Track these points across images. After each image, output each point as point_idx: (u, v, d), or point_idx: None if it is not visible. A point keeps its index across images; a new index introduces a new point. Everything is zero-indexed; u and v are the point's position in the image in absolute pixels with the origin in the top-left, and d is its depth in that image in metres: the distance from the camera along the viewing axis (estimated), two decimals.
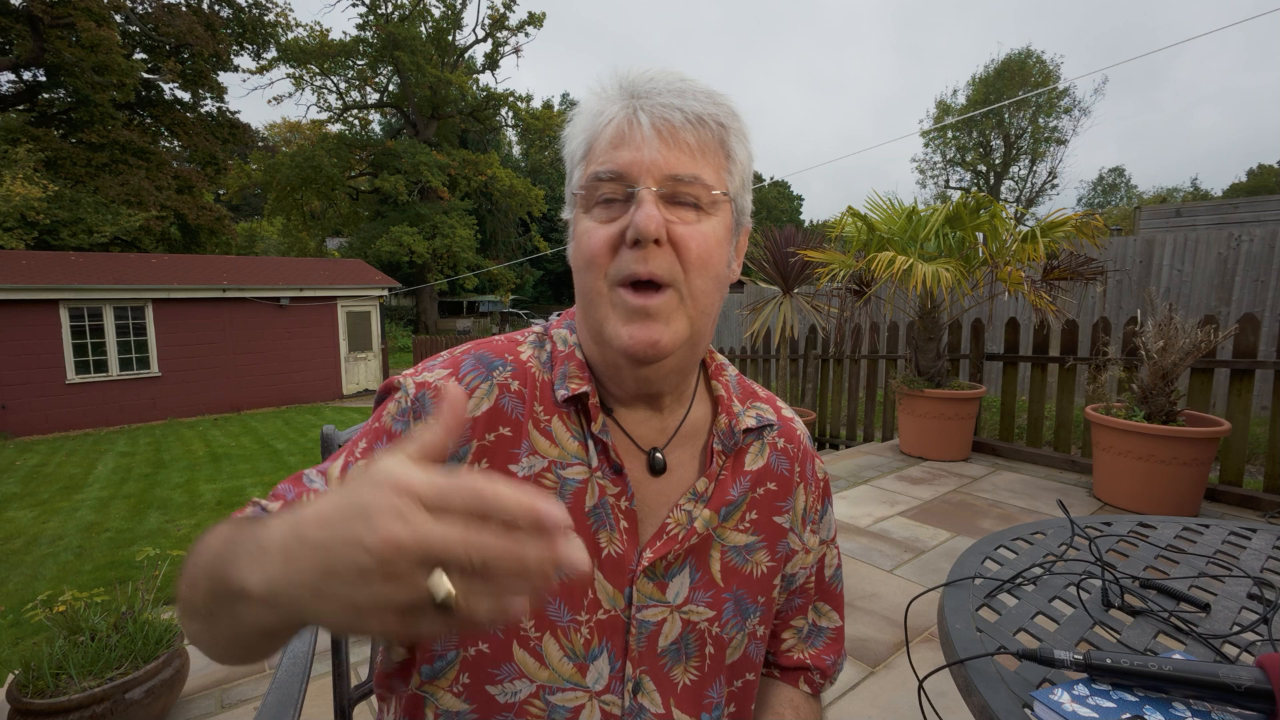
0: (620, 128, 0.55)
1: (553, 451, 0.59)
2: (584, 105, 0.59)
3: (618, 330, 0.56)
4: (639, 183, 0.54)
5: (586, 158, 0.57)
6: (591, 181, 0.56)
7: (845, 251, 4.50)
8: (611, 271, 0.55)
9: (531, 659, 0.57)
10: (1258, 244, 5.76)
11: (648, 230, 0.52)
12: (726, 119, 0.57)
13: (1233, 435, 3.17)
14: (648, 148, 0.54)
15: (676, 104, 0.55)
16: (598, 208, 0.56)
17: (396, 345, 22.16)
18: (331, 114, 26.02)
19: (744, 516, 0.66)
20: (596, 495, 0.59)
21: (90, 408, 10.39)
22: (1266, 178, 36.10)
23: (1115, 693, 0.62)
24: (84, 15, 15.17)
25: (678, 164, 0.54)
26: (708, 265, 0.56)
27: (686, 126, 0.55)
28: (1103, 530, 1.12)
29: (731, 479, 0.65)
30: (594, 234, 0.56)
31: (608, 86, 0.58)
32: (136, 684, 1.67)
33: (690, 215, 0.56)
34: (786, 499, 0.69)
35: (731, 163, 0.58)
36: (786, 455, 0.70)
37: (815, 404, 5.91)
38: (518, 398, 0.60)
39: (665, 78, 0.56)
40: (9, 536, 4.95)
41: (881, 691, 1.78)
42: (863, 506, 3.30)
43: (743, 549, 0.65)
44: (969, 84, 31.21)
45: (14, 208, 13.79)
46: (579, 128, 0.59)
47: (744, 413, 0.68)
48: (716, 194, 0.56)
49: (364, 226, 26.65)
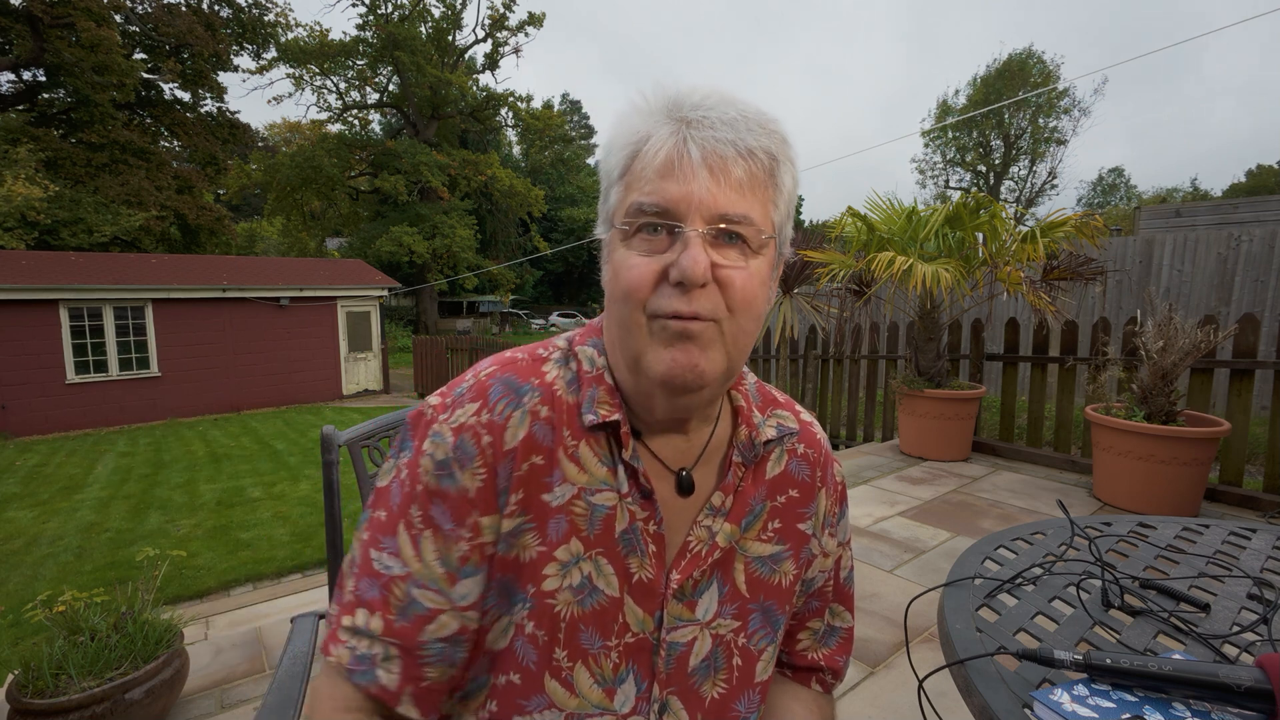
0: (670, 157, 0.52)
1: (581, 478, 0.58)
2: (625, 120, 0.56)
3: (659, 355, 0.54)
4: (687, 221, 0.52)
5: (626, 179, 0.55)
6: (635, 212, 0.53)
7: (845, 251, 4.50)
8: (651, 306, 0.53)
9: (562, 689, 0.56)
10: (1257, 244, 5.76)
11: (695, 276, 0.50)
12: (778, 149, 0.55)
13: (1233, 435, 3.16)
14: (698, 184, 0.51)
15: (729, 137, 0.52)
16: (639, 238, 0.54)
17: (396, 345, 22.15)
18: (331, 114, 26.03)
19: (766, 526, 0.65)
20: (627, 520, 0.59)
21: (90, 408, 10.38)
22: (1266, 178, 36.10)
23: (1115, 693, 0.62)
24: (84, 15, 15.16)
25: (728, 203, 0.52)
26: (752, 306, 0.55)
27: (738, 161, 0.52)
28: (1103, 530, 1.12)
29: (752, 489, 0.64)
30: (636, 268, 0.53)
31: (653, 102, 0.55)
32: (136, 684, 1.67)
33: (737, 257, 0.54)
34: (809, 505, 0.68)
35: (779, 194, 0.56)
36: (807, 461, 0.69)
37: (815, 404, 5.91)
38: (548, 424, 0.58)
39: (718, 101, 0.54)
40: (9, 536, 4.95)
41: (881, 691, 1.78)
42: (863, 506, 3.30)
43: (768, 559, 0.65)
44: (970, 84, 31.25)
45: (14, 208, 13.79)
46: (620, 143, 0.56)
47: (764, 423, 0.66)
48: (765, 237, 0.55)
49: (364, 226, 26.66)
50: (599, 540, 0.58)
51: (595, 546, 0.58)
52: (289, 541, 4.65)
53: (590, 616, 0.57)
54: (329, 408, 12.13)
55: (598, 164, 0.60)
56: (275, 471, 6.88)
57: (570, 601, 0.57)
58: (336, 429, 1.18)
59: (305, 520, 5.14)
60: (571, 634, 0.57)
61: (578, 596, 0.57)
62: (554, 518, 0.57)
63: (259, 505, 5.61)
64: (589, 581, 0.57)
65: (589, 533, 0.58)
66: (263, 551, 4.46)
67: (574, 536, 0.57)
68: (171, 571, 4.00)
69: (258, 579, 4.04)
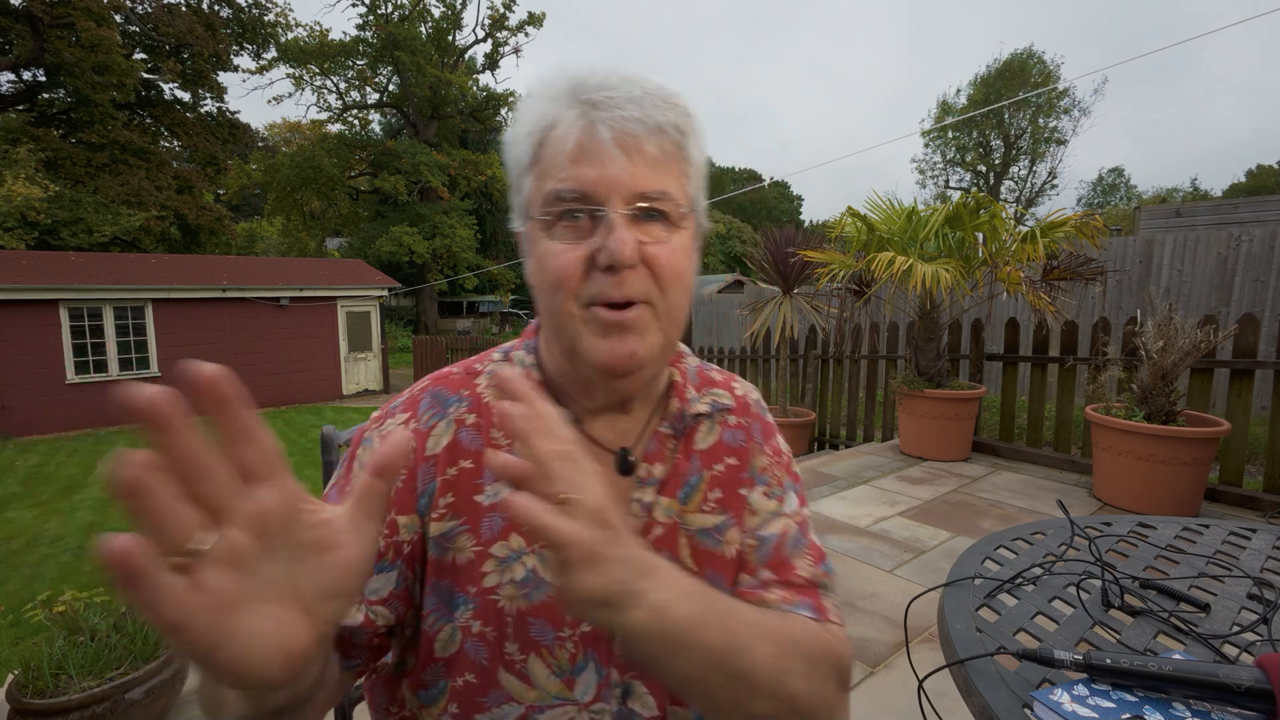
0: (580, 141, 0.51)
1: None
2: (529, 106, 0.56)
3: (594, 345, 0.54)
4: (608, 204, 0.52)
5: (538, 167, 0.54)
6: (553, 200, 0.53)
7: (845, 252, 4.50)
8: (583, 294, 0.54)
9: (518, 682, 0.57)
10: (1257, 244, 5.76)
11: (625, 258, 0.51)
12: (684, 123, 0.55)
13: (1233, 435, 3.16)
14: (613, 164, 0.51)
15: (637, 115, 0.52)
16: (560, 226, 0.53)
17: (396, 345, 22.14)
18: (331, 114, 26.03)
19: (706, 496, 0.64)
20: None
21: (90, 408, 10.38)
22: (1266, 178, 36.12)
23: (1115, 693, 0.62)
24: (84, 15, 15.17)
25: (645, 181, 0.52)
26: (681, 280, 0.56)
27: (649, 138, 0.52)
28: (1103, 530, 1.12)
29: (684, 462, 0.64)
30: (560, 257, 0.53)
31: (555, 87, 0.54)
32: (136, 684, 1.67)
33: (661, 232, 0.54)
34: (748, 469, 0.67)
35: (690, 167, 0.57)
36: (741, 429, 0.69)
37: (815, 404, 5.91)
38: (475, 429, 0.60)
39: (621, 82, 0.53)
40: (9, 536, 4.94)
41: (881, 691, 1.78)
42: (863, 506, 3.30)
43: (712, 530, 0.63)
44: (971, 84, 31.26)
45: (14, 208, 13.79)
46: (526, 130, 0.55)
47: (698, 399, 0.67)
48: (684, 210, 0.55)
49: (364, 226, 26.65)
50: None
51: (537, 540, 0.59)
52: None
53: (540, 609, 0.57)
54: (329, 408, 12.14)
55: (503, 152, 0.59)
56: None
57: (515, 596, 0.57)
58: (336, 429, 1.18)
59: None
60: (521, 627, 0.57)
61: (523, 590, 0.57)
62: (487, 516, 0.58)
63: None
64: (534, 575, 0.58)
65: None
66: None
67: (513, 532, 0.58)
68: None
69: None
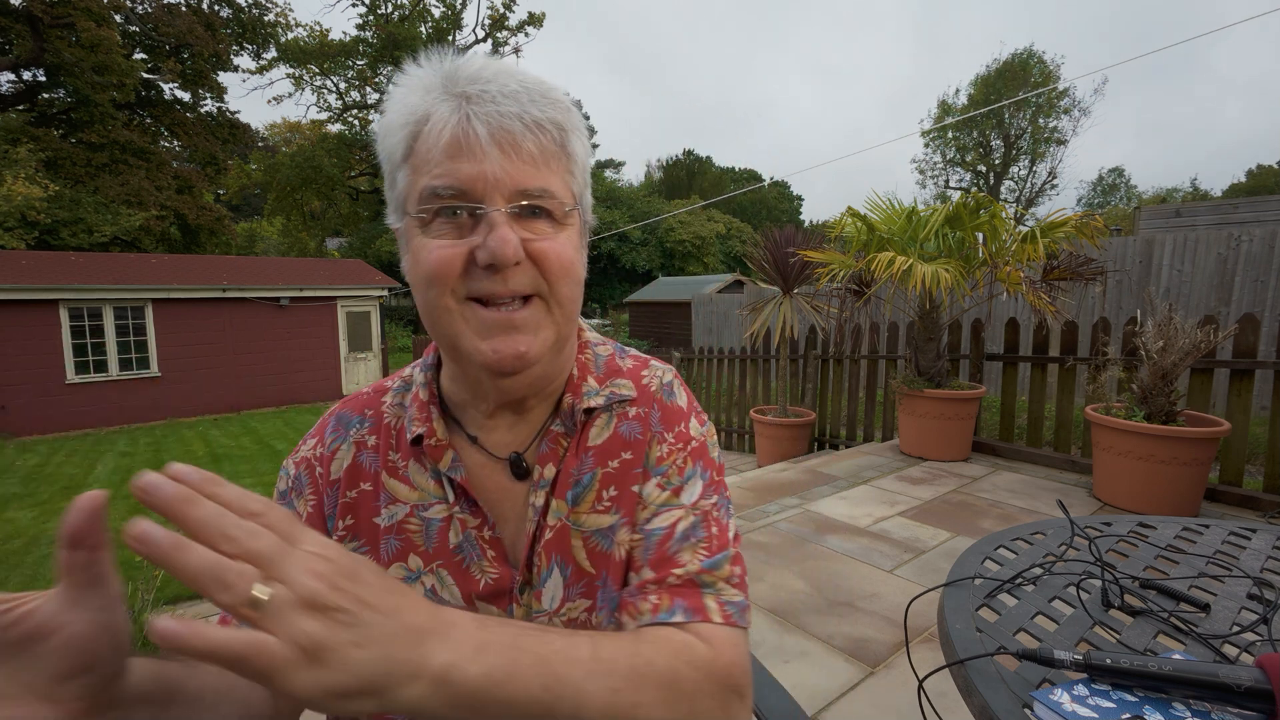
0: (455, 135, 0.49)
1: (412, 496, 0.59)
2: (400, 97, 0.53)
3: (476, 346, 0.53)
4: (486, 201, 0.50)
5: (411, 161, 0.52)
6: (429, 196, 0.50)
7: (845, 252, 4.50)
8: (461, 289, 0.52)
9: None
10: (1257, 244, 5.76)
11: (506, 257, 0.49)
12: (565, 119, 0.54)
13: (1233, 435, 3.16)
14: (489, 161, 0.49)
15: (514, 110, 0.50)
16: (438, 223, 0.51)
17: (396, 345, 22.14)
18: (331, 114, 26.03)
19: (600, 495, 0.60)
20: (459, 531, 0.58)
21: (90, 408, 10.38)
22: (1266, 178, 36.13)
23: (1115, 693, 0.62)
24: (84, 15, 15.17)
25: (525, 178, 0.51)
26: (570, 273, 0.55)
27: (526, 134, 0.51)
28: (1103, 530, 1.12)
29: (574, 460, 0.61)
30: (438, 252, 0.51)
31: (428, 78, 0.52)
32: None
33: (545, 227, 0.53)
34: (643, 462, 0.63)
35: (573, 163, 0.56)
36: (640, 420, 0.63)
37: (815, 404, 5.91)
38: (374, 451, 0.61)
39: (496, 73, 0.52)
40: (9, 537, 4.95)
41: (881, 691, 1.78)
42: (863, 506, 3.30)
43: (605, 530, 0.59)
44: (971, 84, 31.26)
45: (14, 208, 13.79)
46: (398, 123, 0.52)
47: (596, 392, 0.63)
48: (568, 208, 0.54)
49: (364, 226, 26.66)
50: (437, 553, 0.58)
51: (435, 559, 0.58)
52: None
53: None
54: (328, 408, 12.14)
55: (375, 144, 0.56)
56: (275, 472, 6.87)
57: None
58: None
59: None
60: None
61: None
62: (384, 538, 0.58)
63: None
64: (434, 594, 0.57)
65: (426, 547, 0.59)
66: None
67: (411, 553, 0.58)
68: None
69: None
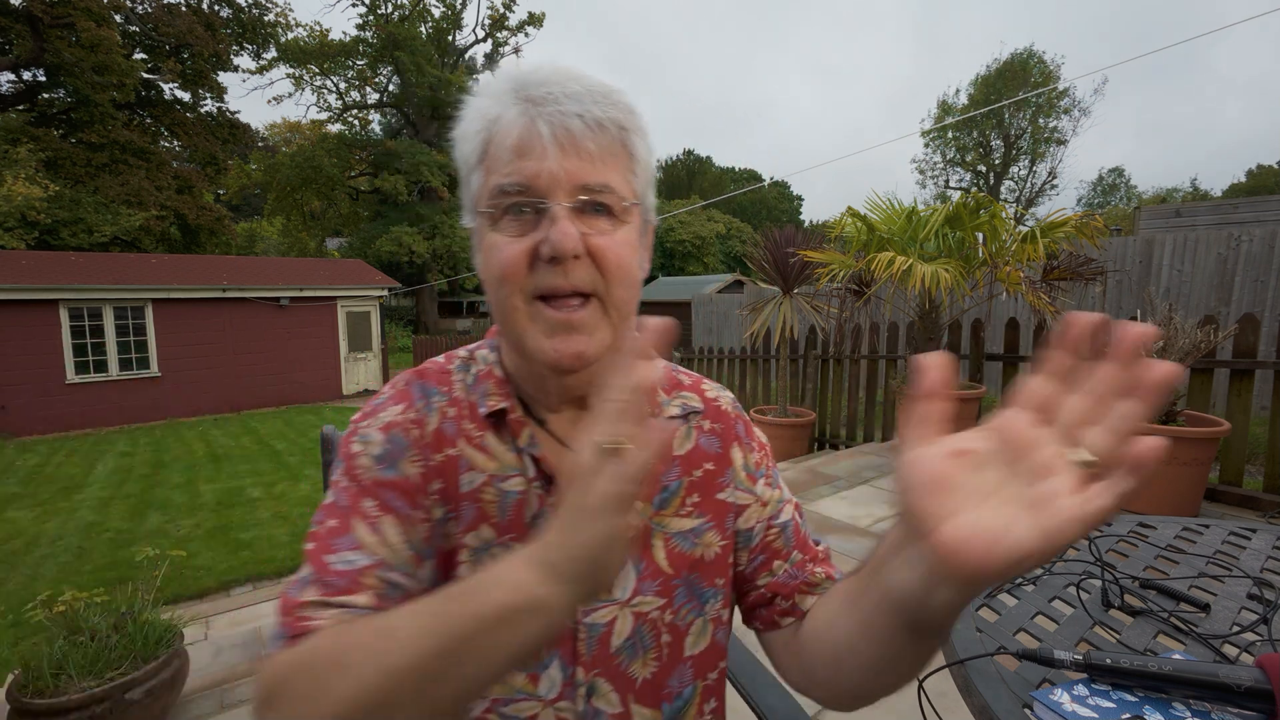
0: (521, 136, 0.53)
1: (490, 465, 0.60)
2: (474, 104, 0.57)
3: (540, 344, 0.55)
4: (550, 196, 0.52)
5: (484, 163, 0.55)
6: (497, 195, 0.54)
7: (845, 252, 4.50)
8: (528, 286, 0.54)
9: None
10: (1257, 244, 5.76)
11: (565, 248, 0.51)
12: (625, 118, 0.56)
13: (1233, 435, 3.16)
14: (551, 159, 0.52)
15: (575, 110, 0.53)
16: (506, 220, 0.54)
17: (396, 345, 22.16)
18: (331, 114, 26.03)
19: (684, 501, 0.65)
20: (536, 505, 0.59)
21: (90, 408, 10.38)
22: (1266, 178, 36.13)
23: (1115, 693, 0.62)
24: (84, 15, 15.17)
25: (586, 174, 0.53)
26: (627, 273, 0.56)
27: (587, 133, 0.53)
28: (1102, 530, 1.12)
29: (660, 466, 0.64)
30: (505, 249, 0.54)
31: (499, 86, 0.56)
32: (136, 684, 1.67)
33: (605, 224, 0.55)
34: (726, 473, 0.68)
35: (635, 163, 0.57)
36: (715, 434, 0.69)
37: (815, 404, 5.90)
38: (454, 421, 0.62)
39: (559, 79, 0.54)
40: (9, 536, 4.94)
41: None
42: (863, 506, 3.30)
43: (689, 533, 0.64)
44: (971, 84, 31.25)
45: (14, 208, 13.79)
46: (473, 129, 0.56)
47: (669, 402, 0.68)
48: (627, 204, 0.56)
49: (364, 226, 26.64)
50: (511, 526, 0.59)
51: (508, 532, 0.59)
52: (289, 542, 4.65)
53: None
54: (329, 408, 12.13)
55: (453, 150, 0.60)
56: (275, 471, 6.88)
57: None
58: (336, 429, 1.18)
59: (305, 520, 5.10)
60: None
61: None
62: (464, 504, 0.59)
63: (259, 505, 5.61)
64: None
65: (500, 519, 0.59)
66: (263, 551, 4.46)
67: (483, 523, 0.59)
68: (171, 572, 3.98)
69: (258, 579, 4.04)
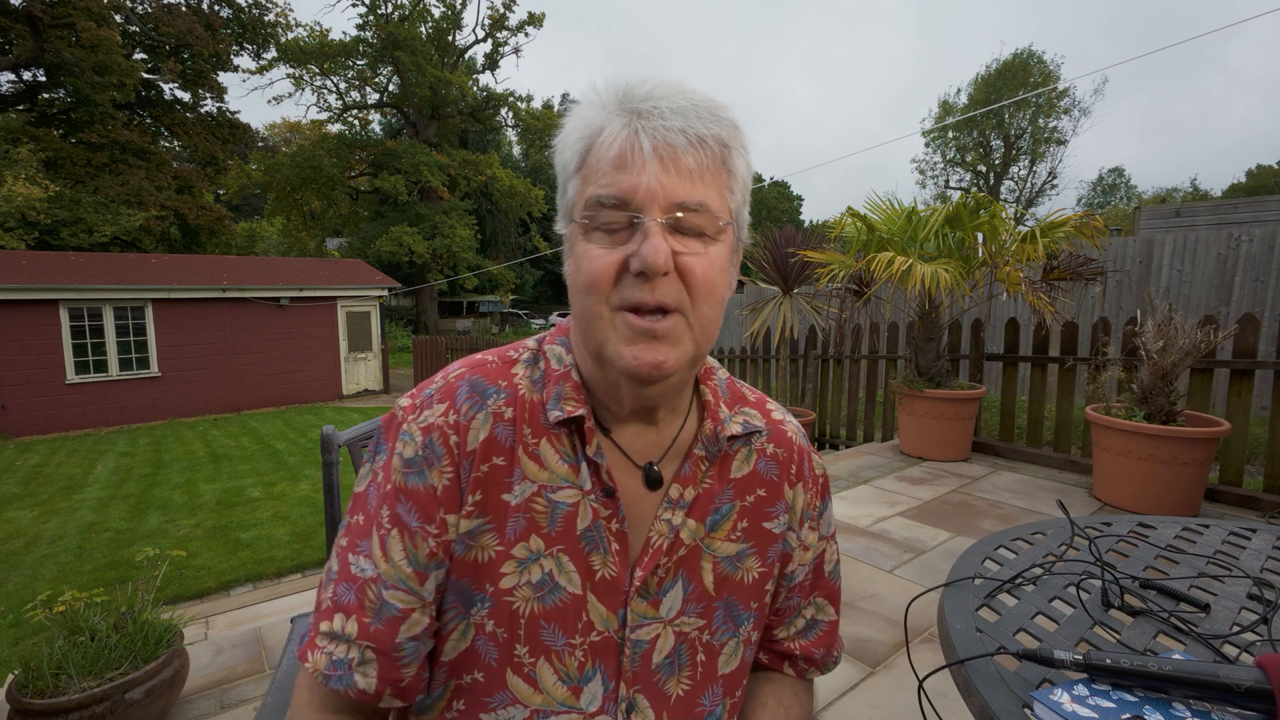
0: (623, 149, 0.52)
1: (542, 475, 0.59)
2: (578, 112, 0.57)
3: (620, 351, 0.54)
4: (645, 212, 0.52)
5: (582, 172, 0.55)
6: (593, 205, 0.53)
7: (845, 252, 4.50)
8: (614, 298, 0.54)
9: (525, 685, 0.57)
10: (1257, 244, 5.76)
11: (655, 265, 0.51)
12: (728, 136, 0.55)
13: (1233, 435, 3.16)
14: (650, 174, 0.52)
15: (679, 125, 0.53)
16: (599, 231, 0.54)
17: (396, 345, 22.14)
18: (331, 114, 26.01)
19: (735, 525, 0.65)
20: (589, 518, 0.59)
21: (90, 408, 10.38)
22: (1266, 178, 36.10)
23: (1115, 693, 0.62)
24: (84, 15, 15.15)
25: (683, 191, 0.52)
26: (714, 292, 0.56)
27: (689, 150, 0.53)
28: (1102, 530, 1.12)
29: (718, 488, 0.64)
30: (597, 260, 0.54)
31: (605, 95, 0.56)
32: (136, 684, 1.67)
33: (696, 244, 0.54)
34: (776, 504, 0.68)
35: (733, 179, 0.57)
36: (776, 460, 0.69)
37: (815, 404, 5.90)
38: (510, 425, 0.60)
39: (666, 92, 0.54)
40: (9, 536, 4.94)
41: (881, 691, 1.78)
42: (863, 507, 3.30)
43: (734, 557, 0.65)
44: (971, 83, 31.24)
45: (14, 208, 13.78)
46: (575, 137, 0.56)
47: (731, 418, 0.66)
48: (722, 223, 0.55)
49: (364, 226, 26.65)
50: (560, 537, 0.58)
51: (557, 544, 0.58)
52: (289, 541, 4.65)
53: (552, 613, 0.57)
54: (329, 408, 12.13)
55: (554, 156, 0.60)
56: (275, 471, 6.88)
57: (530, 598, 0.57)
58: (336, 429, 1.18)
59: (305, 520, 5.14)
60: (532, 630, 0.57)
61: (538, 593, 0.57)
62: (512, 516, 0.58)
63: (259, 505, 5.61)
64: (550, 578, 0.58)
65: (550, 530, 0.58)
66: (263, 551, 4.46)
67: (533, 534, 0.58)
68: (171, 571, 4.00)
69: (258, 579, 4.04)
